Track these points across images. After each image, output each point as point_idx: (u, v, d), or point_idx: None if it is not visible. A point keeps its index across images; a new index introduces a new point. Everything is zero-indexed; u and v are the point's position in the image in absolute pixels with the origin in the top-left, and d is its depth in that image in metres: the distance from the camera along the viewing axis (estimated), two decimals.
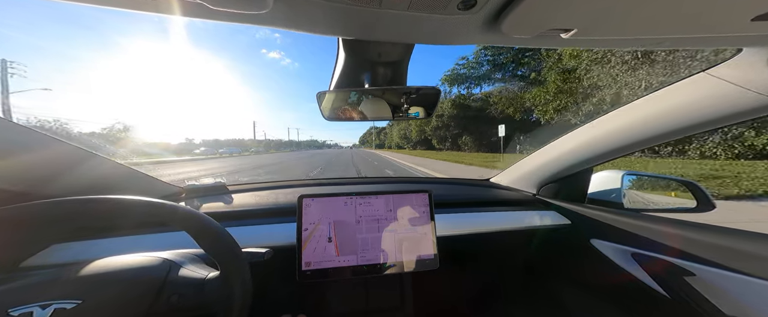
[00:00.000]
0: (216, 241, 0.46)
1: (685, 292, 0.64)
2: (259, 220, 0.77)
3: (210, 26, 18.64)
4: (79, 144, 0.63)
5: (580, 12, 0.35)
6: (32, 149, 0.55)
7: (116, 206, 0.42)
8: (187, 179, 0.92)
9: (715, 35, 0.41)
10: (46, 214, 0.40)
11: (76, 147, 0.62)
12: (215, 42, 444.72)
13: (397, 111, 0.62)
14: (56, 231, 0.62)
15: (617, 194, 0.93)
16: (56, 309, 0.37)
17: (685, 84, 0.58)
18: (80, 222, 0.63)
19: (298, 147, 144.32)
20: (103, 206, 0.42)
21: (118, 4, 0.34)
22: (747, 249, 0.57)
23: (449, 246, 0.80)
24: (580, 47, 0.46)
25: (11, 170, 0.53)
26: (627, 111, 0.69)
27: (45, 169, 0.58)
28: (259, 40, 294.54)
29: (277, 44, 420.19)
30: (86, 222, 0.64)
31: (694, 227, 0.67)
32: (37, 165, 0.56)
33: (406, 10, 0.35)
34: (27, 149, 0.55)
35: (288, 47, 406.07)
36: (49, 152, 0.58)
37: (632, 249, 0.76)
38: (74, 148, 0.62)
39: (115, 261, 0.46)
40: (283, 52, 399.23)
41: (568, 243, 0.97)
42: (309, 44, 41.89)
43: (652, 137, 0.68)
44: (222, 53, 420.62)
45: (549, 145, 0.94)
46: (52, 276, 0.41)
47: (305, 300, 0.99)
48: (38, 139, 0.56)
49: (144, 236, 0.66)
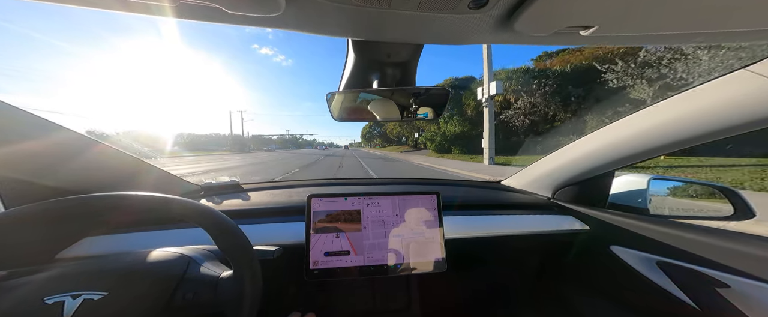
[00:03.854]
0: (232, 240, 0.47)
1: (719, 304, 0.59)
2: (269, 218, 0.78)
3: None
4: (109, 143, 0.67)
5: (603, 6, 0.33)
6: (63, 146, 0.59)
7: (150, 203, 0.44)
8: None
9: (755, 29, 0.37)
10: (84, 208, 0.42)
11: (104, 145, 0.66)
12: (189, 29, 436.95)
13: (406, 112, 0.62)
14: (90, 225, 0.66)
15: (643, 199, 0.87)
16: (85, 299, 0.39)
17: (722, 82, 0.53)
18: (114, 217, 0.67)
19: (281, 146, 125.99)
20: (137, 202, 0.44)
21: (137, 10, 0.35)
22: None
23: (458, 248, 0.78)
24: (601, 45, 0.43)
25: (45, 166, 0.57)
26: (657, 110, 0.64)
27: (74, 165, 0.62)
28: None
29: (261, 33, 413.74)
30: (119, 217, 0.68)
31: (730, 235, 0.62)
32: (68, 161, 0.60)
33: (415, 10, 0.35)
34: (59, 145, 0.59)
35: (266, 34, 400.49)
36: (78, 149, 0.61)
37: (658, 258, 0.71)
38: (101, 145, 0.65)
39: (138, 256, 0.49)
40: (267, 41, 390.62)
41: (585, 250, 0.92)
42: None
43: (685, 139, 0.63)
44: (200, 43, 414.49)
45: (566, 146, 0.89)
46: (82, 267, 0.44)
47: (314, 299, 1.01)
48: (68, 136, 0.59)
49: (163, 232, 0.69)
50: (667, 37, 0.41)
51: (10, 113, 0.51)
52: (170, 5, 0.34)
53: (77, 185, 0.62)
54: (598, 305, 0.90)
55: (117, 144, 0.73)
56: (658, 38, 0.42)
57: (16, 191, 0.54)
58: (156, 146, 42.28)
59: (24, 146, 0.53)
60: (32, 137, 0.54)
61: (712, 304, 0.60)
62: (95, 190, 0.63)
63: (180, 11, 0.35)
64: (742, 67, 0.50)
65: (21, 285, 0.39)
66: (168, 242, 0.63)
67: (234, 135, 66.73)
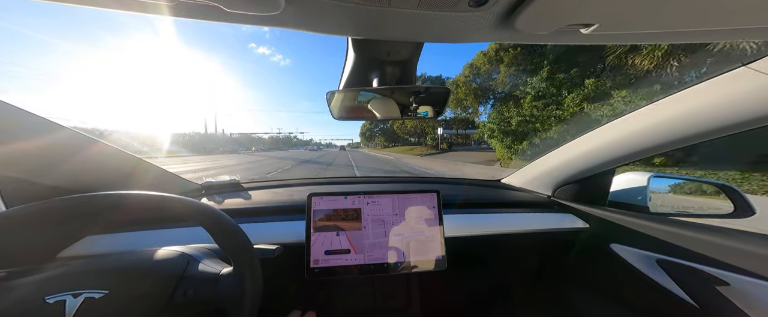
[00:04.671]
0: (232, 239, 0.47)
1: (719, 302, 0.59)
2: (269, 217, 0.79)
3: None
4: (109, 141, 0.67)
5: (604, 5, 0.32)
6: (64, 145, 0.59)
7: (151, 202, 0.44)
8: None
9: (756, 26, 0.37)
10: (86, 207, 0.42)
11: (104, 143, 0.66)
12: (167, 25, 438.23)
13: (405, 110, 0.62)
14: (92, 224, 0.66)
15: (643, 197, 0.87)
16: (86, 298, 0.40)
17: (723, 79, 0.53)
18: (115, 216, 0.67)
19: (273, 145, 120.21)
20: (138, 201, 0.44)
21: (136, 9, 0.35)
22: None
23: (458, 247, 0.78)
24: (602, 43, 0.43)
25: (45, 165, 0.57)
26: (657, 108, 0.64)
27: (74, 164, 0.61)
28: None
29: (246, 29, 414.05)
30: (120, 216, 0.68)
31: (728, 233, 0.62)
32: (68, 160, 0.60)
33: (415, 8, 0.34)
34: (59, 145, 0.59)
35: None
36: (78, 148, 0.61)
37: (658, 256, 0.71)
38: (100, 144, 0.65)
39: (139, 254, 0.49)
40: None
41: (584, 247, 0.92)
42: None
43: (686, 137, 0.62)
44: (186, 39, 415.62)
45: (566, 145, 0.89)
46: (83, 266, 0.44)
47: (314, 298, 1.01)
48: (69, 135, 0.59)
49: (164, 231, 0.69)
50: (668, 34, 0.41)
51: (10, 113, 0.51)
52: (168, 4, 0.33)
53: (78, 184, 0.62)
54: (598, 303, 0.90)
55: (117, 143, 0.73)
56: (658, 36, 0.42)
57: (17, 191, 0.54)
58: (153, 145, 41.51)
59: (24, 145, 0.53)
60: (32, 137, 0.54)
61: (712, 302, 0.61)
62: (95, 189, 0.63)
63: (177, 10, 0.35)
64: (742, 64, 0.50)
65: (22, 284, 0.39)
66: (168, 241, 0.63)
67: (208, 134, 64.24)
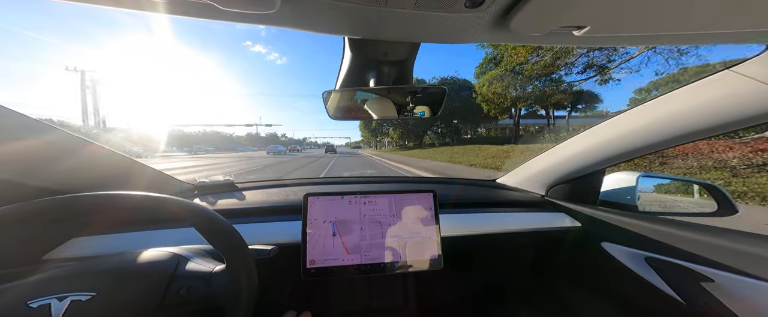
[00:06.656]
0: (226, 240, 0.46)
1: (703, 298, 0.61)
2: (265, 217, 0.78)
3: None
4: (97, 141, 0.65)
5: (595, 8, 0.33)
6: (53, 145, 0.57)
7: (141, 202, 0.43)
8: None
9: (741, 30, 0.39)
10: (73, 208, 0.41)
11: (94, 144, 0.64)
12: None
13: (402, 110, 0.62)
14: (79, 225, 0.64)
15: (632, 196, 0.89)
16: (72, 301, 0.39)
17: (707, 82, 0.55)
18: (104, 217, 0.66)
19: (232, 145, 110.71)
20: (129, 201, 0.43)
21: (127, 6, 0.35)
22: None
23: (454, 246, 0.79)
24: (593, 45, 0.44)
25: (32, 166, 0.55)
26: (645, 110, 0.66)
27: (64, 165, 0.60)
28: None
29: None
30: (110, 217, 0.67)
31: (713, 231, 0.64)
32: (56, 161, 0.58)
33: (412, 8, 0.35)
34: (48, 145, 0.57)
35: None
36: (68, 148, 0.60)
37: (646, 253, 0.73)
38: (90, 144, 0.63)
39: (127, 256, 0.48)
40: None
41: (577, 246, 0.94)
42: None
43: (672, 138, 0.65)
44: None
45: (559, 145, 0.91)
46: (69, 269, 0.43)
47: (310, 298, 1.01)
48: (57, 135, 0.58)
49: (155, 232, 0.68)
50: (658, 37, 0.42)
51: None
52: (162, 1, 0.33)
53: (68, 185, 0.60)
54: (589, 300, 0.92)
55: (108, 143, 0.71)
56: (649, 39, 0.43)
57: (2, 191, 0.52)
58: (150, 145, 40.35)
59: (11, 145, 0.51)
60: (20, 137, 0.52)
61: (697, 298, 0.63)
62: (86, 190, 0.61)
63: (171, 7, 0.35)
64: (726, 67, 0.52)
65: (3, 290, 0.38)
66: (160, 242, 0.61)
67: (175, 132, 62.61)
